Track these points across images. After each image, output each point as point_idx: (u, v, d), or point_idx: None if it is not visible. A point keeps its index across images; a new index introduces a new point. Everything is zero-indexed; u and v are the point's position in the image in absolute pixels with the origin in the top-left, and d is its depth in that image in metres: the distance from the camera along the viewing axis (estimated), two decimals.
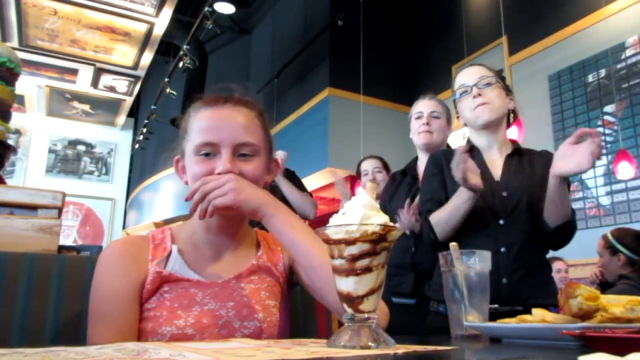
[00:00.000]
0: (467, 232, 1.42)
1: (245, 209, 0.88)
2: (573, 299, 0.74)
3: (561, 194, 1.34)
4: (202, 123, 0.94)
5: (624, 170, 3.35)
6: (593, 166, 1.26)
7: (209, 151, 0.92)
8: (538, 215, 1.41)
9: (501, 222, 1.43)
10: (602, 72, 3.92)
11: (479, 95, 1.50)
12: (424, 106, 2.09)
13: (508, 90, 1.58)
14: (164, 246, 0.94)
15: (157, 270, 0.89)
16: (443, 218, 1.43)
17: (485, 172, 1.50)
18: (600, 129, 3.87)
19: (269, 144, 1.01)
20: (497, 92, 1.52)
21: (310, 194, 2.99)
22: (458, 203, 1.39)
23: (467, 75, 1.55)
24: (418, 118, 2.08)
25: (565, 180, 1.33)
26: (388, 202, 2.11)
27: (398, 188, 2.13)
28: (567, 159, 1.29)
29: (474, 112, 1.51)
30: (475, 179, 1.33)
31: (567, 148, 1.30)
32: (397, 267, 2.01)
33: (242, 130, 0.93)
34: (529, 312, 0.84)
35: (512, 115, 1.60)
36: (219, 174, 0.90)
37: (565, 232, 1.41)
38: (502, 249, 1.40)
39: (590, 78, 4.01)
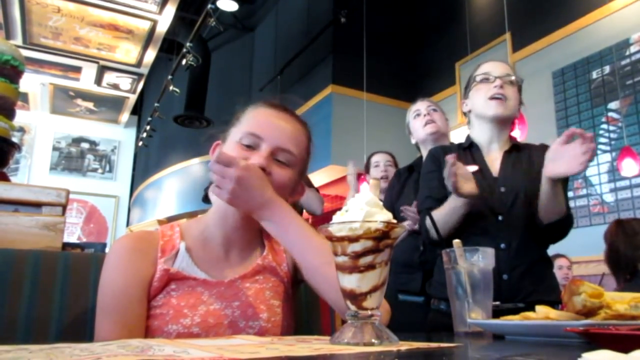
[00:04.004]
0: (465, 229, 1.41)
1: (239, 210, 0.90)
2: (577, 296, 0.74)
3: (553, 194, 1.33)
4: (257, 116, 0.98)
5: (628, 167, 3.34)
6: (584, 169, 1.23)
7: (251, 143, 0.94)
8: (536, 210, 1.40)
9: (500, 218, 1.42)
10: (607, 69, 3.90)
11: (501, 86, 1.49)
12: (419, 105, 2.19)
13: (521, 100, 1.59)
14: (173, 243, 0.94)
15: (165, 268, 0.90)
16: (441, 218, 1.41)
17: (483, 168, 1.50)
18: (605, 126, 3.86)
19: (304, 166, 1.03)
20: (516, 94, 1.53)
21: (317, 190, 3.00)
22: (455, 206, 1.39)
23: (494, 66, 1.55)
24: (417, 116, 2.16)
25: (559, 181, 1.31)
26: (396, 200, 2.11)
27: (404, 186, 2.14)
28: (557, 161, 1.27)
29: (489, 102, 1.50)
30: (468, 187, 1.32)
31: (557, 149, 1.27)
32: (405, 266, 2.01)
33: (288, 137, 0.96)
34: (531, 309, 0.83)
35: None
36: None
37: (559, 228, 1.41)
38: (502, 245, 1.40)
39: (594, 75, 3.99)
